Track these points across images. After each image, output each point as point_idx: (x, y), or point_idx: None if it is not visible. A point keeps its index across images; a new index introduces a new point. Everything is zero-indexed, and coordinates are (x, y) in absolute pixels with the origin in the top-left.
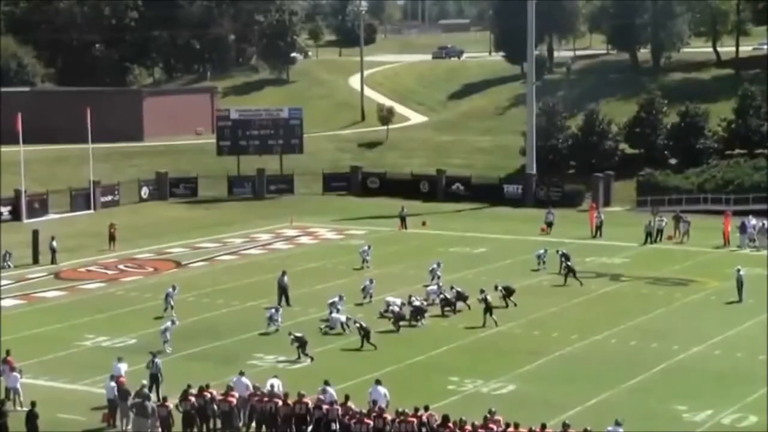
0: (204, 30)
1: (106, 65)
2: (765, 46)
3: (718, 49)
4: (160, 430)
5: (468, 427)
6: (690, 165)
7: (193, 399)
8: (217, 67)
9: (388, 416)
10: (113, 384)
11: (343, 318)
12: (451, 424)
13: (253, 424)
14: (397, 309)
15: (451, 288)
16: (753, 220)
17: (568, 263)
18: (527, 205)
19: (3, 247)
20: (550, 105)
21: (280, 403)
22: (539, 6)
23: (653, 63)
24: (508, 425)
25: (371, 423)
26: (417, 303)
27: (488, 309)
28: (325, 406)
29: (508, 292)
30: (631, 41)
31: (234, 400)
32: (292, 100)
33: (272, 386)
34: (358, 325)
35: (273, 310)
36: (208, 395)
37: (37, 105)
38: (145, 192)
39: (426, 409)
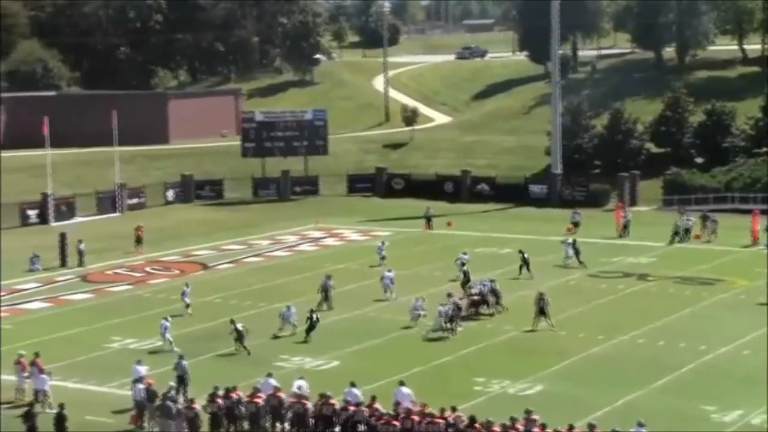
0: (228, 32)
1: (130, 68)
2: None
3: (745, 46)
4: (187, 431)
5: (495, 428)
6: (717, 164)
7: (220, 400)
8: (241, 69)
9: (416, 416)
10: (141, 386)
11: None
12: (477, 425)
13: (287, 425)
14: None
15: (492, 281)
16: None
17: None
18: (553, 205)
19: (31, 250)
20: (574, 104)
21: (309, 404)
22: (563, 5)
23: (678, 61)
24: (544, 426)
25: (398, 424)
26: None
27: (542, 311)
28: (351, 408)
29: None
30: (656, 39)
31: (261, 401)
32: (316, 102)
33: (299, 387)
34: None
35: (285, 309)
36: (236, 396)
37: (63, 108)
38: (170, 194)
39: (453, 410)
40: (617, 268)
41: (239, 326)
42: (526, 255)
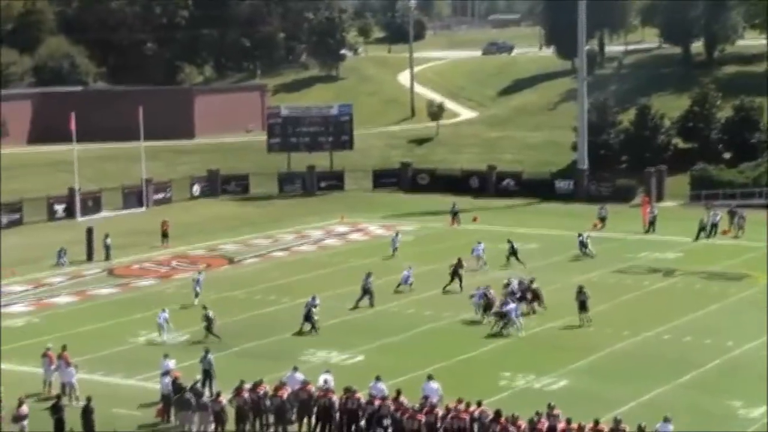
0: (254, 28)
1: (157, 64)
2: None
3: None
4: (213, 425)
5: (521, 422)
6: (744, 159)
7: (245, 394)
8: (267, 65)
9: (440, 411)
10: (168, 379)
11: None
12: (503, 420)
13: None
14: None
15: (531, 281)
16: None
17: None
18: (579, 200)
19: (58, 245)
20: (601, 100)
21: (335, 398)
22: (590, 0)
23: (706, 56)
24: (569, 421)
25: (423, 418)
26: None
27: (583, 305)
28: (377, 401)
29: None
30: (684, 34)
31: (285, 395)
32: (342, 97)
33: (325, 381)
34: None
35: (312, 299)
36: (263, 390)
37: (89, 104)
38: (196, 189)
39: (479, 404)
40: (643, 264)
41: (210, 313)
42: (515, 245)
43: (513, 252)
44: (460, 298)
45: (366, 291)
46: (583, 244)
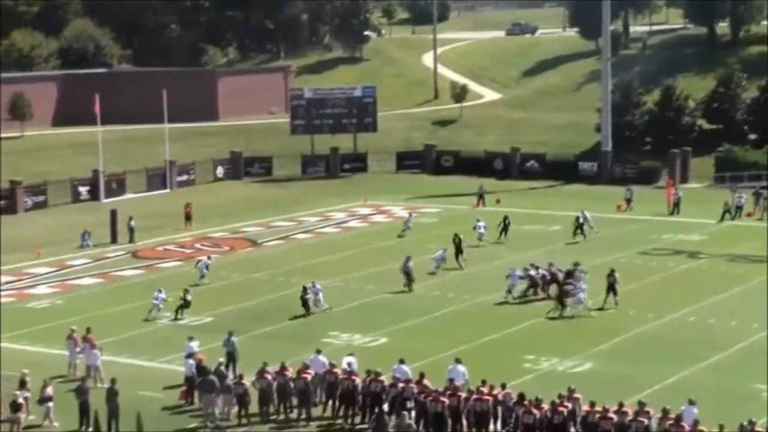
0: (277, 10)
1: (180, 46)
2: None
3: None
4: (237, 408)
5: (544, 405)
6: None
7: (269, 376)
8: (291, 47)
9: (463, 394)
10: (192, 362)
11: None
12: (526, 403)
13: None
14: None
15: (550, 265)
16: None
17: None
18: (603, 182)
19: (82, 227)
20: (625, 81)
21: (358, 380)
22: None
23: (732, 36)
24: (593, 404)
25: (447, 401)
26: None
27: (612, 288)
28: (400, 384)
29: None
30: (709, 14)
31: (309, 377)
32: (366, 79)
33: (348, 364)
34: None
35: (314, 287)
36: (288, 374)
37: (113, 86)
38: (220, 171)
39: (503, 387)
40: (668, 246)
41: (189, 297)
42: (507, 221)
43: (505, 228)
44: (485, 280)
45: (406, 274)
46: (580, 226)
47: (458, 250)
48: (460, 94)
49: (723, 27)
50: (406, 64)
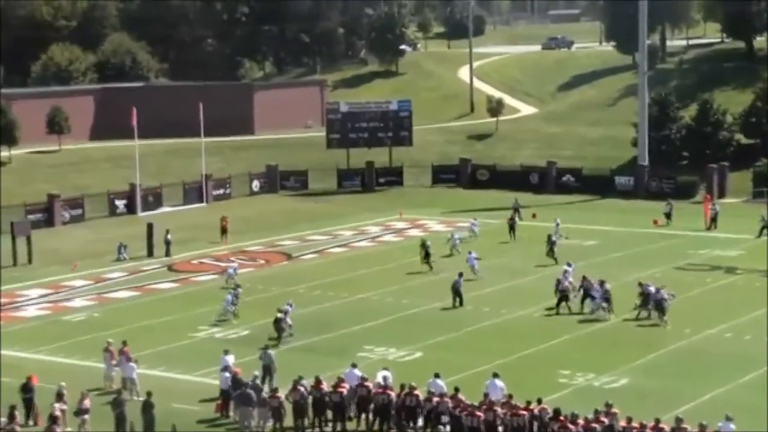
0: (313, 23)
1: (217, 59)
2: None
3: None
4: (272, 420)
5: (580, 421)
6: None
7: (302, 389)
8: (327, 61)
9: (499, 409)
10: (227, 375)
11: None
12: (562, 418)
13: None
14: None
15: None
16: None
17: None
18: (639, 197)
19: (118, 240)
20: (662, 95)
21: (393, 395)
22: None
23: None
24: (630, 420)
25: (482, 416)
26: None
27: (659, 306)
28: (435, 399)
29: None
30: (747, 29)
31: (344, 391)
32: (401, 93)
33: (384, 378)
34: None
35: (287, 307)
36: (324, 387)
37: (150, 99)
38: (255, 185)
39: (539, 402)
40: (705, 261)
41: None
42: (517, 216)
43: (511, 227)
44: (520, 295)
45: (456, 292)
46: (552, 243)
47: (427, 255)
48: (496, 108)
49: (761, 41)
50: (441, 78)
